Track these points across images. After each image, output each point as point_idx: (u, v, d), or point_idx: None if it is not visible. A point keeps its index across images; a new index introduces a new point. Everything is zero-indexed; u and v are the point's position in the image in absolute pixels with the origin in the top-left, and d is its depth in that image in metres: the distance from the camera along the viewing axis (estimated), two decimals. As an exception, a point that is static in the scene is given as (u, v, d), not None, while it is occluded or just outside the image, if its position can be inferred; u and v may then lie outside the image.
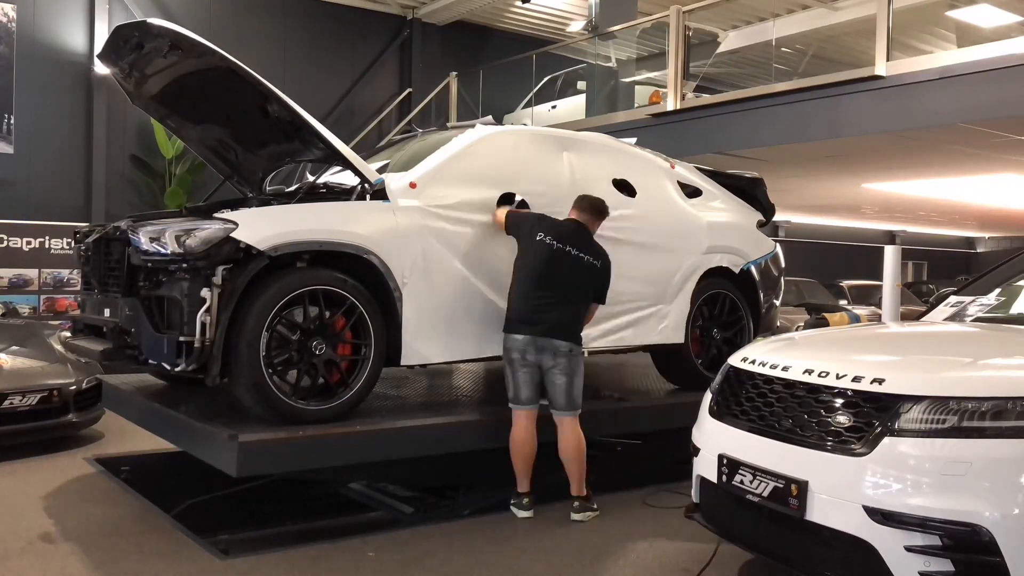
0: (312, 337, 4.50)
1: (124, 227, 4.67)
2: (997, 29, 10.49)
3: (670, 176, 6.39)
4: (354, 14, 14.84)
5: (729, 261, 6.32)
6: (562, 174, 5.62)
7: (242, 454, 4.21)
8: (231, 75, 4.61)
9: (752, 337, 6.40)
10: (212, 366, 4.25)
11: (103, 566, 4.13)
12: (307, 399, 4.54)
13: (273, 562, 4.19)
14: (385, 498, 5.41)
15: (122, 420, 7.53)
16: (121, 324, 4.59)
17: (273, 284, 4.39)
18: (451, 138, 5.44)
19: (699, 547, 4.32)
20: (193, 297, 4.24)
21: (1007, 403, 2.97)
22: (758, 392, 3.63)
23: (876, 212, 18.67)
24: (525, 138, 5.78)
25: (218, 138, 5.67)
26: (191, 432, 4.75)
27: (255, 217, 4.48)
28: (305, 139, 5.09)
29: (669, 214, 6.14)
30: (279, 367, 4.46)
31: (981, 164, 11.13)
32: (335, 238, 4.57)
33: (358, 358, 4.68)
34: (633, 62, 14.03)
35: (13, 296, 10.74)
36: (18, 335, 7.21)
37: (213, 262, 4.25)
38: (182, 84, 5.00)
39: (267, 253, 4.34)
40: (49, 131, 12.20)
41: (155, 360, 4.44)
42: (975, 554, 2.87)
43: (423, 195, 4.96)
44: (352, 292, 4.60)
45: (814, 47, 12.06)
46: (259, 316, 4.32)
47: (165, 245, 4.31)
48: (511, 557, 4.31)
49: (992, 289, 4.69)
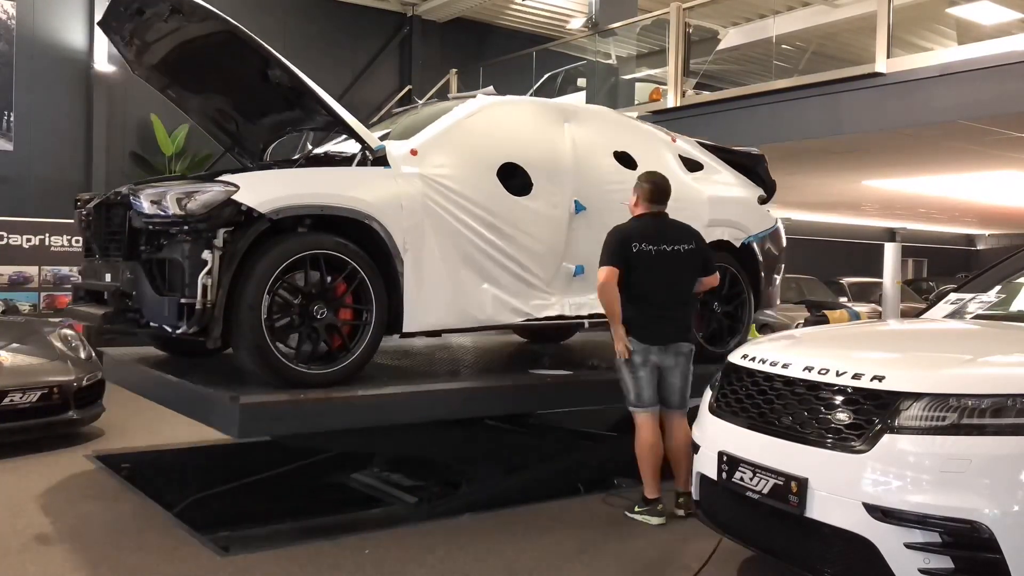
0: (313, 301, 4.50)
1: (125, 191, 4.66)
2: (998, 26, 10.47)
3: (671, 149, 6.39)
4: (354, 11, 14.84)
5: (730, 235, 6.29)
6: (563, 145, 5.61)
7: (244, 416, 4.20)
8: (233, 40, 4.61)
9: (753, 312, 6.42)
10: (213, 328, 4.24)
11: (103, 563, 4.13)
12: (308, 363, 4.54)
13: (273, 559, 4.19)
14: (389, 488, 5.41)
15: (122, 417, 7.57)
16: (122, 288, 4.58)
17: (274, 248, 4.39)
18: (452, 108, 5.44)
19: (699, 544, 4.32)
20: (194, 259, 4.24)
21: (1007, 400, 2.97)
22: (758, 389, 3.63)
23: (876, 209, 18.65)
24: (526, 108, 5.78)
25: (219, 108, 5.67)
26: (193, 397, 4.74)
27: (256, 180, 4.49)
28: (306, 106, 5.08)
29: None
30: (281, 331, 4.45)
31: (981, 161, 11.12)
32: (336, 203, 4.56)
33: (359, 323, 4.67)
34: (633, 59, 14.01)
35: (13, 293, 10.74)
36: (18, 332, 7.21)
37: (214, 224, 4.24)
38: (183, 51, 4.99)
39: (268, 216, 4.33)
40: (49, 128, 12.19)
41: (156, 322, 4.42)
42: (975, 551, 2.87)
43: (424, 162, 4.95)
44: (353, 257, 4.58)
45: (814, 44, 12.05)
46: (260, 279, 4.31)
47: (166, 208, 4.30)
48: (511, 555, 4.32)
49: (992, 286, 4.69)
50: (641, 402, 4.82)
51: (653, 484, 4.83)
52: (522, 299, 5.27)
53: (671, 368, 4.85)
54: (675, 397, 4.90)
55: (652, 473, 4.82)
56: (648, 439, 4.80)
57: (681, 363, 4.87)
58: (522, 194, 5.31)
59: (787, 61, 11.68)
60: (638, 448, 4.84)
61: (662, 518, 4.79)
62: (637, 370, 4.81)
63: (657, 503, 4.82)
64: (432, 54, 15.48)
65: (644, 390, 4.81)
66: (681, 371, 4.88)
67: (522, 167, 5.36)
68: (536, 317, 5.33)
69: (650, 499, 4.84)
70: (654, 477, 4.83)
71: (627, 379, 4.85)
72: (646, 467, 4.82)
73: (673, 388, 4.88)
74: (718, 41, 13.76)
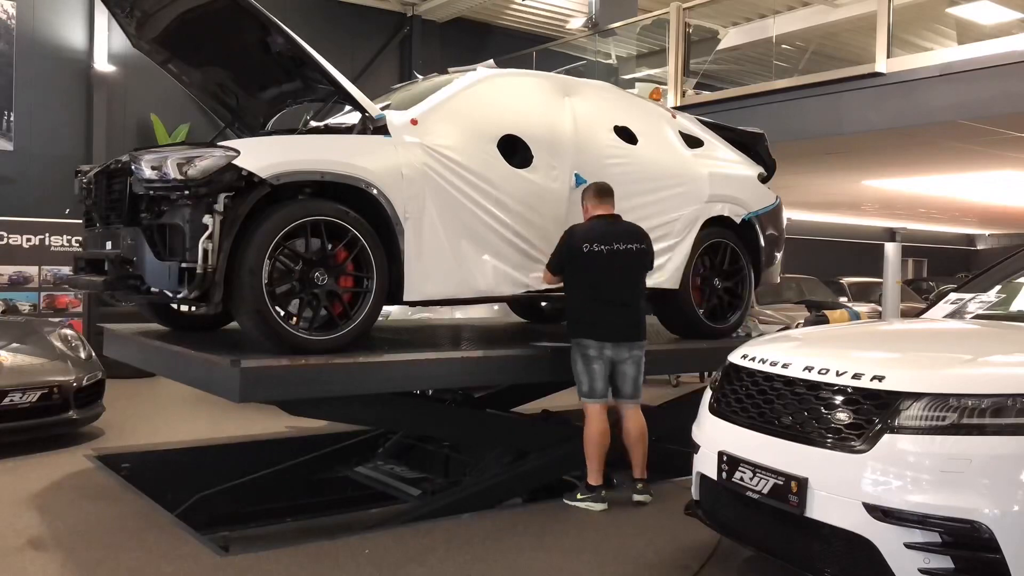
0: (314, 268, 4.50)
1: (126, 159, 4.66)
2: (998, 26, 10.48)
3: (672, 125, 6.39)
4: (354, 11, 14.84)
5: (731, 211, 6.29)
6: (564, 119, 5.62)
7: (244, 380, 4.21)
8: (233, 8, 4.60)
9: (754, 288, 6.46)
10: (214, 292, 4.23)
11: (103, 563, 4.13)
12: (309, 329, 4.54)
13: (274, 559, 4.18)
14: (392, 480, 5.43)
15: (122, 417, 7.57)
16: (123, 254, 4.56)
17: (275, 213, 4.39)
18: (452, 80, 5.46)
19: (699, 544, 4.32)
20: (195, 224, 4.23)
21: (1007, 400, 2.97)
22: (758, 389, 3.62)
23: (876, 209, 18.66)
24: (527, 81, 5.79)
25: (219, 82, 5.67)
26: (193, 364, 4.75)
27: (257, 145, 4.50)
28: (307, 76, 5.08)
29: (670, 162, 6.13)
30: (281, 296, 4.46)
31: (981, 161, 11.12)
32: (337, 169, 4.56)
33: (360, 291, 4.67)
34: (633, 59, 14.03)
35: (13, 293, 10.74)
36: (18, 332, 7.21)
37: (215, 189, 4.24)
38: (184, 22, 4.98)
39: (269, 181, 4.33)
40: (49, 128, 12.20)
41: (157, 287, 4.41)
42: (975, 551, 2.87)
43: (424, 132, 4.95)
44: (354, 224, 4.58)
45: (814, 44, 12.05)
46: (261, 244, 4.31)
47: (167, 173, 4.30)
48: (511, 554, 4.31)
49: (992, 286, 4.68)
50: (593, 393, 5.00)
51: (597, 472, 5.02)
52: (522, 271, 5.29)
53: (624, 360, 5.03)
54: (628, 387, 5.07)
55: (597, 461, 5.00)
56: (598, 428, 5.00)
57: (635, 356, 5.06)
58: (523, 166, 5.33)
59: (787, 61, 11.69)
60: (587, 437, 5.03)
61: (604, 504, 4.97)
62: (591, 363, 4.99)
63: (600, 490, 4.99)
64: (432, 54, 15.48)
65: (597, 382, 4.99)
66: (634, 363, 5.06)
67: (523, 139, 5.38)
68: (536, 289, 5.36)
69: (593, 486, 5.00)
70: (599, 465, 5.00)
71: (581, 371, 5.02)
72: (592, 455, 5.01)
73: (627, 378, 5.05)
74: (718, 41, 13.77)
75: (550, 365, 5.35)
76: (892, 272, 10.64)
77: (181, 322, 5.60)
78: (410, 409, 5.43)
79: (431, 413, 5.69)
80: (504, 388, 6.52)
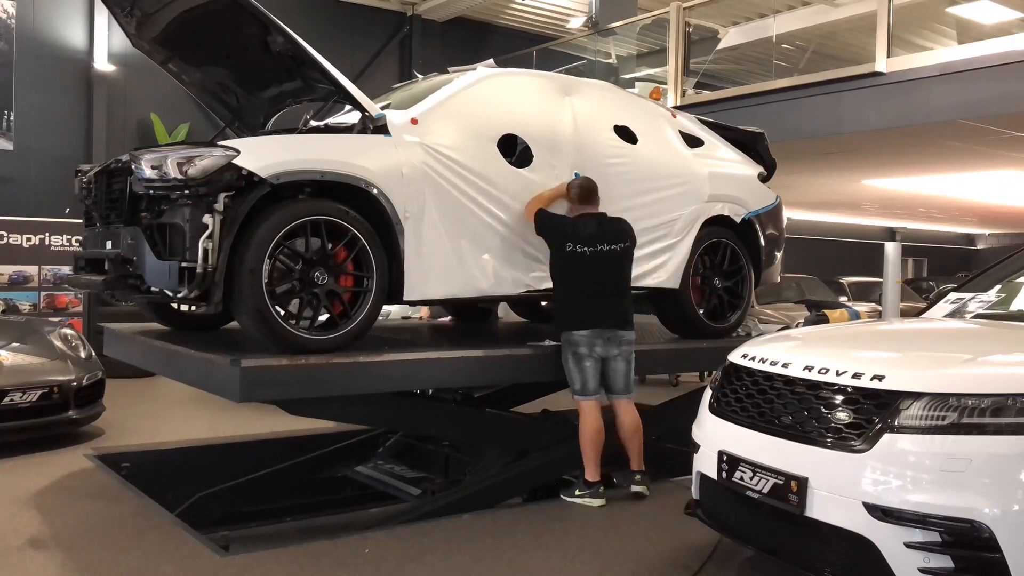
0: (314, 267, 4.50)
1: (126, 158, 4.66)
2: (998, 25, 10.48)
3: (672, 124, 6.40)
4: (354, 10, 14.84)
5: (731, 210, 6.29)
6: (564, 118, 5.62)
7: (244, 380, 4.21)
8: (234, 7, 4.60)
9: (754, 288, 6.47)
10: (214, 292, 4.23)
11: (103, 563, 4.13)
12: (309, 328, 4.54)
13: (273, 558, 4.18)
14: (392, 480, 5.43)
15: (122, 417, 7.58)
16: (123, 254, 4.56)
17: (275, 212, 4.39)
18: (452, 79, 5.47)
19: (699, 543, 4.32)
20: (195, 223, 4.23)
21: (1007, 399, 2.96)
22: (758, 389, 3.62)
23: (876, 208, 18.67)
24: (527, 80, 5.79)
25: (219, 81, 5.68)
26: (193, 363, 4.75)
27: (257, 144, 4.51)
28: (307, 75, 5.09)
29: (670, 161, 6.13)
30: (281, 296, 4.46)
31: (981, 160, 11.13)
32: (337, 168, 4.56)
33: (360, 291, 4.67)
34: (633, 58, 14.03)
35: (13, 293, 10.75)
36: (18, 332, 7.21)
37: (215, 188, 4.24)
38: (184, 21, 4.98)
39: (269, 180, 4.33)
40: (49, 128, 12.19)
41: (157, 287, 4.41)
42: (975, 550, 2.87)
43: (425, 132, 4.96)
44: (354, 224, 4.58)
45: (814, 43, 12.05)
46: (261, 243, 4.31)
47: (167, 172, 4.30)
48: (511, 553, 4.31)
49: (992, 286, 4.68)
50: (586, 391, 5.07)
51: (594, 468, 5.06)
52: (522, 270, 5.30)
53: (615, 356, 5.11)
54: (620, 383, 5.15)
55: (594, 458, 5.05)
56: (593, 425, 5.06)
57: (624, 351, 5.13)
58: (523, 166, 5.34)
59: (787, 60, 11.69)
60: (582, 434, 5.08)
61: (602, 500, 4.99)
62: (582, 361, 5.06)
63: (598, 486, 5.03)
64: (432, 54, 15.48)
65: (589, 380, 5.06)
66: (624, 358, 5.13)
67: (523, 139, 5.39)
68: (536, 289, 5.36)
69: (591, 482, 5.04)
70: (595, 461, 5.05)
71: (573, 370, 5.08)
72: (589, 452, 5.06)
73: (618, 373, 5.13)
74: (718, 40, 13.77)
75: (550, 364, 5.35)
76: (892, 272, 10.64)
77: (181, 322, 5.60)
78: (410, 409, 5.43)
79: (431, 413, 5.69)
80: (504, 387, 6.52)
